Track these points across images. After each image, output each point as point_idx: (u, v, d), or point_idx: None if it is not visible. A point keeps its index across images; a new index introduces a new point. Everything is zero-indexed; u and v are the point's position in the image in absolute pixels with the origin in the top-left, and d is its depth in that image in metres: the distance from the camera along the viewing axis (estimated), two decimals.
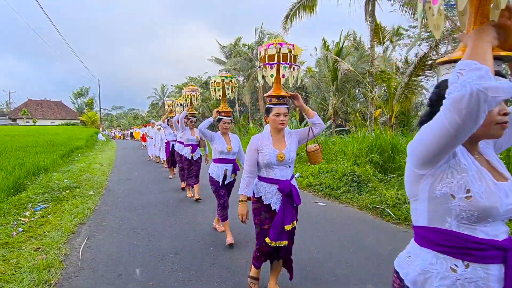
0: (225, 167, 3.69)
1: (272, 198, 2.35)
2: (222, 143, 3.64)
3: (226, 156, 3.67)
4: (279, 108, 2.30)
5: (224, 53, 28.79)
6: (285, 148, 2.33)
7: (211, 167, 3.76)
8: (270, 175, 2.33)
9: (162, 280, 2.82)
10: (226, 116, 3.74)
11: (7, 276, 2.80)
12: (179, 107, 6.69)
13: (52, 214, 4.74)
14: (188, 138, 5.70)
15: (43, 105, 53.23)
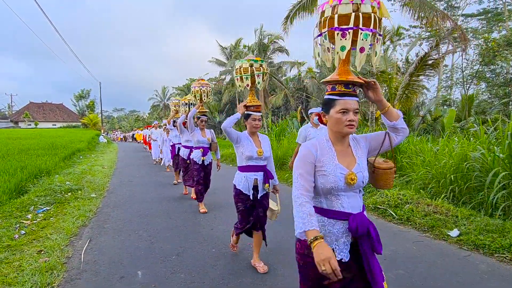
0: (254, 177, 2.95)
1: (336, 242, 1.52)
2: (251, 146, 2.92)
3: (256, 162, 2.95)
4: (346, 101, 1.49)
5: (224, 54, 28.84)
6: (356, 165, 1.54)
7: (236, 178, 3.03)
8: (333, 206, 1.53)
9: (164, 282, 2.82)
10: (256, 111, 2.98)
11: (10, 279, 2.81)
12: (184, 106, 6.10)
13: (54, 216, 4.75)
14: (198, 139, 5.06)
15: (45, 108, 53.43)
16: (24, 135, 21.62)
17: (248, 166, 2.96)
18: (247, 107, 3.00)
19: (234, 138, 2.94)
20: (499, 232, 3.58)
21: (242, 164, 2.99)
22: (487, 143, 5.06)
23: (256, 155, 2.92)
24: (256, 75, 3.07)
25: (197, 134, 5.07)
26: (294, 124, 14.13)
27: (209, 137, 5.16)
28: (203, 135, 5.13)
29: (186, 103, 6.02)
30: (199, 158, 5.09)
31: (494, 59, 14.03)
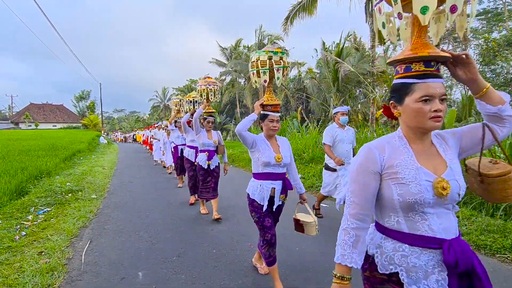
0: (272, 186, 2.62)
1: (426, 280, 1.10)
2: (268, 151, 2.59)
3: (274, 169, 2.61)
4: (429, 84, 1.11)
5: (224, 55, 28.86)
6: (447, 170, 1.15)
7: (250, 186, 2.71)
8: (417, 228, 1.12)
9: (165, 283, 2.81)
10: (274, 111, 2.66)
11: (11, 280, 2.80)
12: (188, 104, 5.56)
13: (55, 217, 4.75)
14: (203, 142, 4.68)
15: (45, 109, 53.48)
16: (25, 136, 21.62)
17: (264, 173, 2.62)
18: (264, 107, 2.67)
19: (250, 143, 2.60)
20: (500, 233, 3.58)
21: (257, 171, 2.65)
22: None
23: (274, 161, 2.58)
24: (275, 69, 2.66)
25: (203, 136, 4.71)
26: (295, 125, 14.14)
27: (215, 139, 4.79)
28: (210, 137, 4.76)
29: (191, 100, 5.54)
30: (204, 162, 4.70)
31: (494, 59, 14.03)
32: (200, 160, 4.75)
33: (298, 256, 3.37)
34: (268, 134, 2.70)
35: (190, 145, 5.49)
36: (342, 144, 4.35)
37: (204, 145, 4.70)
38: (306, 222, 2.67)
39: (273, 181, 2.64)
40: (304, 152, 9.03)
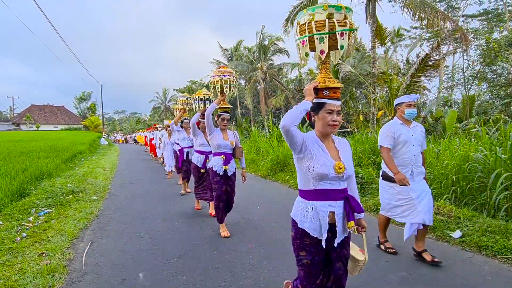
0: (330, 209, 1.84)
1: None
2: (325, 158, 1.85)
3: (332, 184, 1.85)
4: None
5: (225, 56, 28.88)
6: None
7: (298, 210, 1.92)
8: None
9: (166, 284, 2.81)
10: (334, 98, 1.89)
11: (12, 281, 2.80)
12: (198, 103, 4.96)
13: (56, 219, 4.75)
14: (219, 143, 3.95)
15: (46, 110, 53.61)
16: (26, 137, 21.68)
17: (319, 191, 1.84)
18: (318, 92, 1.91)
19: (298, 144, 1.82)
20: (501, 233, 3.57)
21: (308, 187, 1.87)
22: (489, 144, 5.05)
23: (334, 172, 1.81)
24: (338, 33, 1.81)
25: (217, 136, 3.98)
26: None
27: (232, 140, 4.07)
28: (225, 137, 4.03)
29: (201, 98, 4.91)
30: (220, 168, 3.97)
31: (495, 59, 14.02)
32: (215, 165, 3.99)
33: None
34: (324, 132, 1.91)
35: (200, 150, 4.90)
36: (408, 147, 3.21)
37: (220, 147, 3.97)
38: (353, 257, 2.00)
39: (331, 201, 1.85)
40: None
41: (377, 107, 12.37)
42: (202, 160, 4.91)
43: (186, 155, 6.62)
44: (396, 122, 3.33)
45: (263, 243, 3.73)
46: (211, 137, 4.01)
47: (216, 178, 3.99)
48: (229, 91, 4.00)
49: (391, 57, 19.23)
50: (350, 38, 1.90)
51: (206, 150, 4.81)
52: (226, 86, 3.96)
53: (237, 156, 4.10)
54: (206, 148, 4.78)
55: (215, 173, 3.99)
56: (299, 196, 1.95)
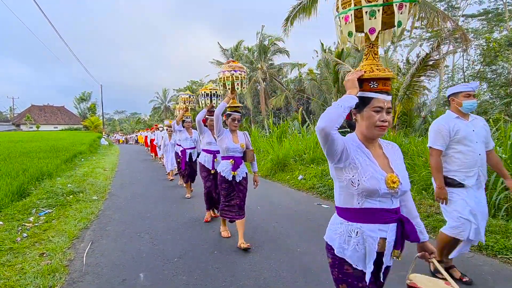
0: (380, 234, 1.45)
1: None
2: (373, 168, 1.45)
3: (383, 202, 1.46)
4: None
5: (225, 56, 28.89)
6: None
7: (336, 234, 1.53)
8: None
9: (166, 284, 2.81)
10: (384, 91, 1.48)
11: (12, 281, 2.81)
12: (204, 98, 4.52)
13: (56, 219, 4.75)
14: (227, 146, 3.61)
15: (46, 111, 53.64)
16: (26, 137, 21.69)
17: (367, 210, 1.43)
18: (363, 83, 1.48)
19: (339, 152, 1.39)
20: (502, 233, 3.57)
21: (351, 204, 1.46)
22: None
23: (386, 187, 1.40)
24: (395, 5, 1.41)
25: (226, 138, 3.63)
26: (295, 126, 14.12)
27: (242, 142, 3.72)
28: (235, 140, 3.69)
29: (207, 93, 4.50)
30: (228, 173, 3.65)
31: (495, 59, 14.02)
32: (223, 170, 3.68)
33: (300, 256, 3.36)
34: (369, 136, 1.48)
35: (207, 149, 4.56)
36: (470, 145, 2.60)
37: (228, 150, 3.63)
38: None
39: (382, 224, 1.43)
40: (305, 153, 9.02)
41: None
42: (210, 160, 4.53)
43: (189, 157, 6.29)
44: (451, 116, 2.72)
45: (264, 243, 3.73)
46: (220, 139, 3.66)
47: (225, 185, 3.69)
48: (241, 88, 3.65)
49: (391, 57, 19.24)
50: (409, 12, 1.45)
51: (214, 149, 4.48)
52: (237, 83, 3.62)
53: (248, 160, 3.76)
54: (214, 146, 4.45)
55: (224, 179, 3.68)
56: (336, 215, 1.55)
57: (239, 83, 3.64)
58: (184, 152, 6.33)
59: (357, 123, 1.52)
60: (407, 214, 1.58)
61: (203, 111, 4.29)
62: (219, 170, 3.73)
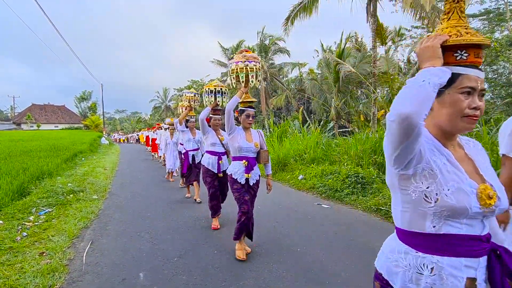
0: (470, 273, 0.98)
1: None
2: (459, 177, 1.00)
3: (474, 226, 1.00)
4: None
5: (226, 56, 28.88)
6: None
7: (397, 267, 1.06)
8: None
9: (166, 284, 2.80)
10: (474, 64, 1.03)
11: (12, 281, 2.80)
12: (208, 96, 4.13)
13: (56, 218, 4.75)
14: (240, 146, 3.24)
15: (47, 110, 53.66)
16: (26, 137, 21.69)
17: (446, 237, 0.99)
18: (445, 52, 1.03)
19: (416, 151, 0.96)
20: None
21: (422, 227, 1.02)
22: (490, 144, 5.03)
23: (478, 204, 0.97)
24: None
25: (238, 136, 3.28)
26: (296, 125, 14.11)
27: (257, 141, 3.36)
28: (249, 138, 3.32)
29: (211, 90, 4.12)
30: (241, 175, 3.29)
31: (496, 59, 14.00)
32: (235, 172, 3.29)
33: (300, 256, 3.35)
34: (452, 130, 1.05)
35: (212, 150, 4.29)
36: None
37: (241, 149, 3.26)
38: None
39: (469, 258, 0.99)
40: (306, 153, 9.01)
41: (378, 107, 12.35)
42: (215, 162, 4.25)
43: (192, 159, 5.95)
44: None
45: (263, 243, 3.72)
46: (231, 138, 3.30)
47: (237, 185, 3.30)
48: (255, 80, 3.21)
49: (392, 57, 19.21)
50: None
51: (219, 151, 4.28)
52: (252, 75, 3.17)
53: (262, 161, 3.37)
54: (219, 147, 4.27)
55: (235, 180, 3.31)
56: (397, 239, 1.11)
57: (254, 76, 3.17)
58: (186, 155, 5.99)
59: (431, 111, 1.06)
60: (502, 241, 1.11)
61: (206, 109, 4.05)
62: (230, 172, 3.31)
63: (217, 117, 4.40)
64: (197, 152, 5.99)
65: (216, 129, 4.38)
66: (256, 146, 3.32)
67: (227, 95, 4.18)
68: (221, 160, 4.28)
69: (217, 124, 4.42)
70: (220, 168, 4.26)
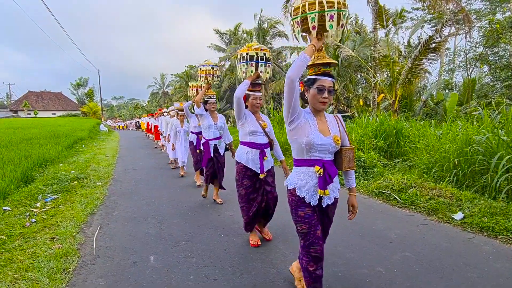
0: None
1: None
2: None
3: None
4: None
5: (223, 40, 28.47)
6: None
7: None
8: None
9: (176, 266, 2.89)
10: None
11: (26, 265, 2.88)
12: (245, 64, 3.06)
13: (63, 204, 4.81)
14: (312, 141, 2.00)
15: (44, 97, 53.20)
16: (25, 124, 21.61)
17: None
18: None
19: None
20: (502, 215, 3.64)
21: None
22: (491, 127, 5.07)
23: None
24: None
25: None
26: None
27: (336, 134, 2.13)
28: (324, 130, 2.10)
29: (251, 55, 3.01)
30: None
31: (498, 41, 13.88)
32: (301, 187, 2.16)
33: None
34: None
35: (250, 141, 3.17)
36: None
37: (312, 148, 2.17)
38: None
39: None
40: None
41: (377, 91, 12.32)
42: (256, 159, 3.14)
43: (214, 150, 4.69)
44: None
45: (270, 227, 3.79)
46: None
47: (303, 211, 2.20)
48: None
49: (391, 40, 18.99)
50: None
51: (262, 142, 3.17)
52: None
53: (344, 168, 2.20)
54: (261, 137, 3.17)
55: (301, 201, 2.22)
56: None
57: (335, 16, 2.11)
58: (207, 145, 4.67)
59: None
60: None
61: (244, 83, 2.98)
62: (292, 186, 2.26)
63: (258, 95, 3.20)
64: (220, 141, 4.75)
65: (255, 111, 3.23)
66: (336, 143, 2.02)
67: (271, 64, 3.18)
68: (266, 156, 3.17)
69: (258, 104, 3.22)
70: (264, 166, 3.16)
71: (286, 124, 2.05)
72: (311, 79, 2.01)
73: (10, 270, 2.80)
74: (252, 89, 3.15)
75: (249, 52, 3.03)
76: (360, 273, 2.70)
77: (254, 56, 3.02)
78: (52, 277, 2.67)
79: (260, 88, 3.22)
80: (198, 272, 2.77)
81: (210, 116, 4.69)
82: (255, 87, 3.15)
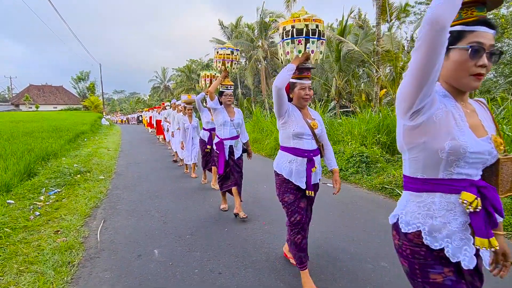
0: None
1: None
2: None
3: None
4: None
5: (225, 34, 28.29)
6: None
7: None
8: None
9: (181, 260, 2.90)
10: None
11: (31, 258, 2.89)
12: (291, 41, 2.25)
13: (66, 198, 4.83)
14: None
15: (45, 90, 53.18)
16: (27, 118, 21.62)
17: None
18: None
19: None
20: (507, 211, 3.64)
21: None
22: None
23: None
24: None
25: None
26: None
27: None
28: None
29: (299, 29, 2.20)
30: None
31: (502, 36, 13.76)
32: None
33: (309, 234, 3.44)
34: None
35: (295, 146, 2.34)
36: None
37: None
38: None
39: None
40: None
41: (380, 86, 12.26)
42: (303, 170, 2.32)
43: (230, 152, 3.94)
44: None
45: (272, 221, 3.81)
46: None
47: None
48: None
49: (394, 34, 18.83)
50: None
51: (310, 148, 2.34)
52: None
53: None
54: (308, 142, 2.33)
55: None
56: None
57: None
58: (221, 145, 3.91)
59: None
60: None
61: (288, 68, 2.17)
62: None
63: (307, 84, 2.36)
64: (237, 142, 3.99)
65: (303, 106, 2.39)
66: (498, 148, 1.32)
67: (325, 41, 2.35)
68: (315, 166, 2.34)
69: (307, 97, 2.35)
70: (311, 181, 2.35)
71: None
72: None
73: (15, 262, 2.81)
74: (299, 76, 2.34)
75: (296, 25, 2.20)
76: (365, 268, 2.70)
77: (303, 29, 2.19)
78: (57, 270, 2.68)
79: (310, 74, 2.39)
80: (203, 266, 2.78)
81: (225, 110, 3.93)
82: (303, 72, 2.34)
